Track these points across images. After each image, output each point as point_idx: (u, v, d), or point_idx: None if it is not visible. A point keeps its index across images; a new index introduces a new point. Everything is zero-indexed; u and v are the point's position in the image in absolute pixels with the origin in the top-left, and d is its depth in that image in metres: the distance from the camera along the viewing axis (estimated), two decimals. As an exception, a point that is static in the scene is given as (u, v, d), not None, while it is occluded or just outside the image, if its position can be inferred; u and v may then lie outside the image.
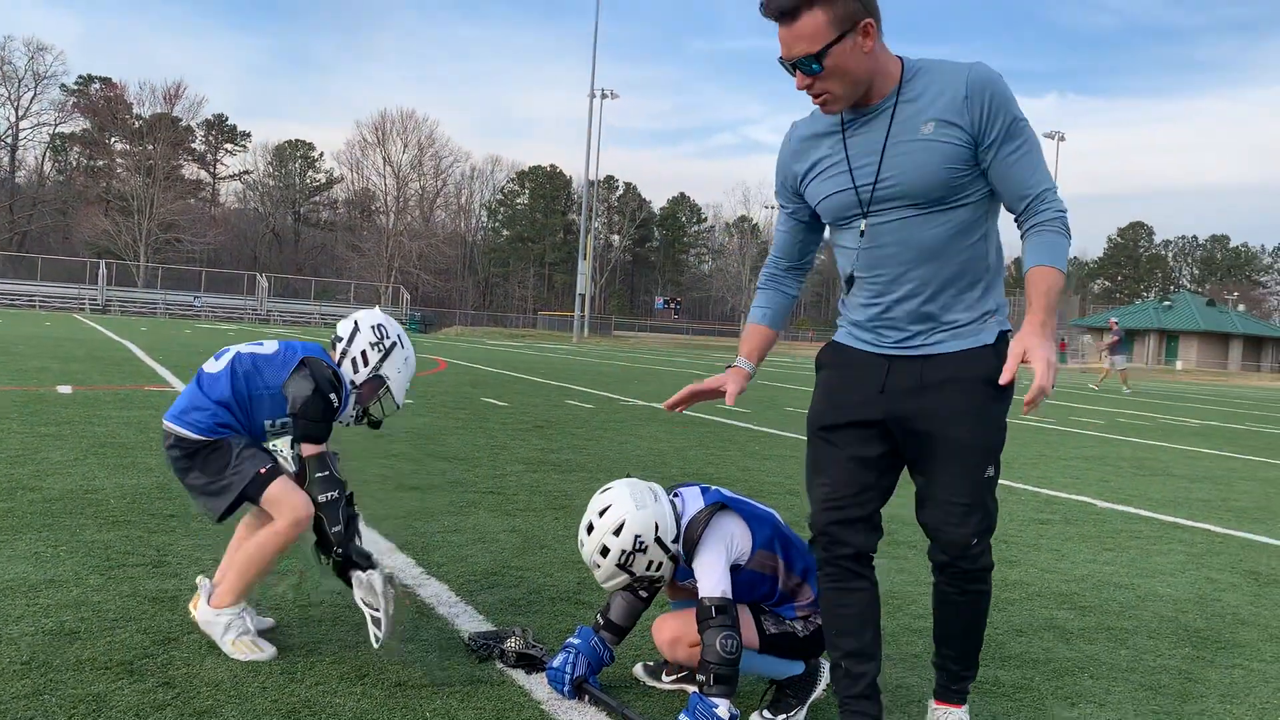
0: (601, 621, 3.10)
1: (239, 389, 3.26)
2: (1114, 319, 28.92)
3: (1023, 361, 2.33)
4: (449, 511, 5.52)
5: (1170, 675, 3.53)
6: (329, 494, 3.20)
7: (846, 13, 2.29)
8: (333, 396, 3.26)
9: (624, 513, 2.87)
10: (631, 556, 2.86)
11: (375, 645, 3.13)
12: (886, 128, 2.41)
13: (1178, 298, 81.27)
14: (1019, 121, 2.38)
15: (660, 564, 2.90)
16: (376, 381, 3.44)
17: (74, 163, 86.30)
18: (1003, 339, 2.53)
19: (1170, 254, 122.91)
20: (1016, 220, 2.48)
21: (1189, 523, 6.66)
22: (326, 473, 3.21)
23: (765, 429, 11.16)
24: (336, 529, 3.20)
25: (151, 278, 65.45)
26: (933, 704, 2.83)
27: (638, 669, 3.25)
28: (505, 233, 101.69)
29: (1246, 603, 4.62)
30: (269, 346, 3.37)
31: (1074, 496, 7.42)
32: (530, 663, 3.18)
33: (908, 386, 2.51)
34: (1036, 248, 2.40)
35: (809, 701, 2.97)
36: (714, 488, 3.11)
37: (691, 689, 2.98)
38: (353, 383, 3.40)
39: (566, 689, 2.99)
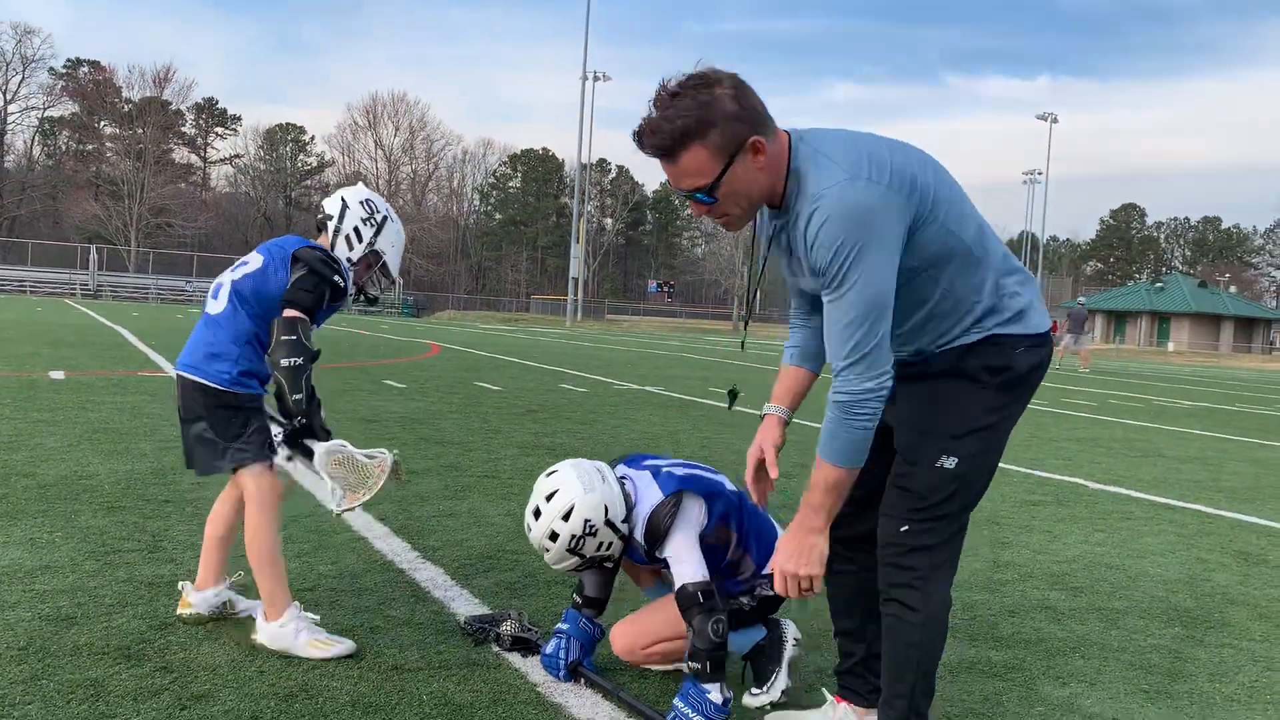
0: (580, 600, 3.13)
1: (253, 315, 3.19)
2: (1081, 299, 28.68)
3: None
4: (444, 496, 5.53)
5: (1160, 654, 3.57)
6: (293, 359, 3.07)
7: (728, 139, 2.15)
8: (336, 279, 3.19)
9: (572, 497, 2.85)
10: (581, 540, 2.85)
11: (334, 511, 3.16)
12: (786, 241, 2.32)
13: (1169, 279, 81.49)
14: (834, 274, 2.14)
15: (611, 544, 2.91)
16: (372, 257, 3.38)
17: (63, 147, 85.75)
18: (993, 340, 2.32)
19: (1162, 236, 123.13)
20: None
21: (1180, 503, 6.70)
22: (295, 338, 3.09)
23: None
24: (297, 397, 3.09)
25: (143, 262, 65.16)
26: (837, 701, 2.71)
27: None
28: (498, 216, 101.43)
29: (1236, 582, 4.65)
30: (254, 260, 3.28)
31: (1066, 478, 7.47)
32: (526, 645, 3.20)
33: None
34: (820, 436, 2.26)
35: (786, 660, 2.98)
36: (661, 465, 3.03)
37: (681, 665, 3.01)
38: (349, 260, 3.32)
39: (562, 674, 3.01)
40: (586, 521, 2.83)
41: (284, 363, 3.07)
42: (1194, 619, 4.04)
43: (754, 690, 2.96)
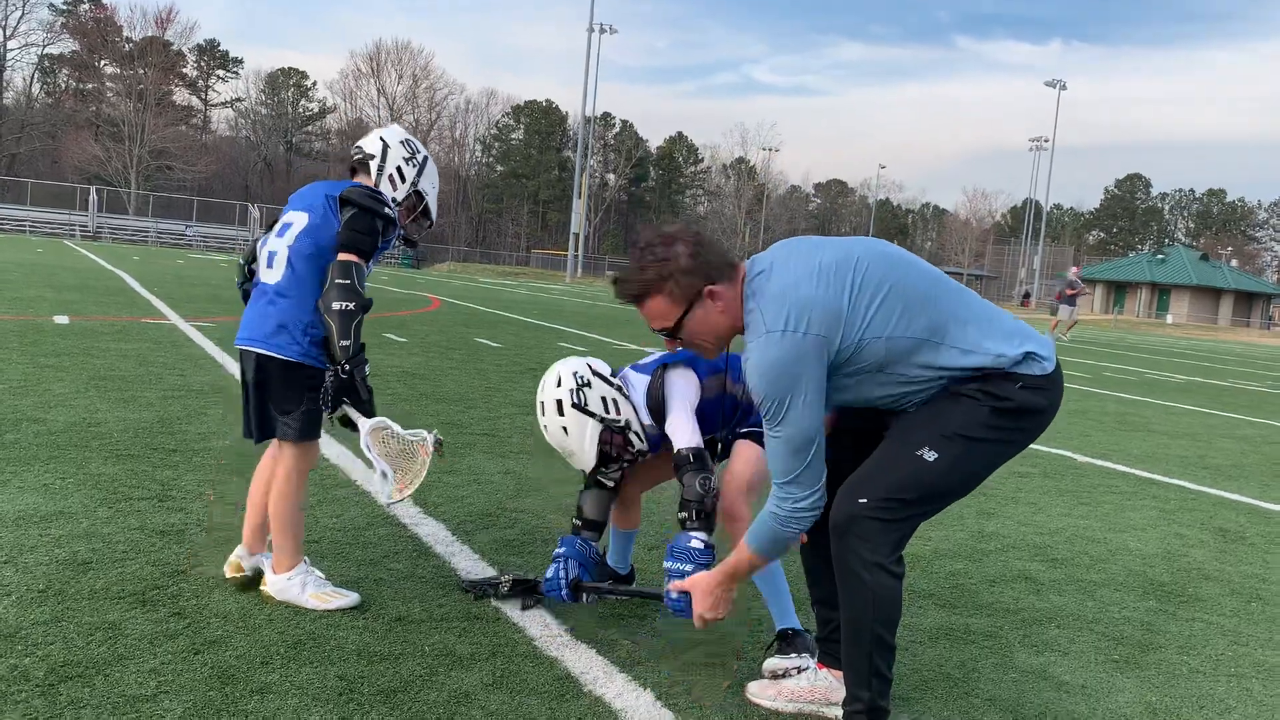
0: (579, 523, 3.34)
1: (318, 274, 3.13)
2: (1074, 269, 28.92)
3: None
4: (445, 452, 5.64)
5: (1133, 626, 3.71)
6: (345, 304, 3.03)
7: (685, 291, 2.49)
8: (388, 212, 3.16)
9: (557, 370, 3.18)
10: (581, 393, 3.11)
11: (384, 503, 3.26)
12: None
13: (1171, 251, 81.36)
14: (766, 414, 2.40)
15: (614, 401, 3.13)
16: (415, 197, 3.37)
17: (63, 85, 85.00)
18: (995, 376, 2.43)
19: (1166, 207, 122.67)
20: None
21: (1164, 479, 6.85)
22: (349, 282, 3.05)
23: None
24: (345, 343, 3.03)
25: (142, 205, 64.90)
26: (818, 668, 2.84)
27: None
28: (499, 168, 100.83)
29: (1212, 558, 4.80)
30: (299, 219, 3.20)
31: (1054, 450, 7.60)
32: (526, 586, 3.36)
33: None
34: (753, 525, 2.55)
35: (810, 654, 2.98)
36: (644, 361, 3.33)
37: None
38: (394, 200, 3.30)
39: (565, 593, 3.21)
40: (575, 374, 3.13)
41: (336, 306, 3.03)
42: (1168, 593, 4.18)
43: (776, 657, 3.00)
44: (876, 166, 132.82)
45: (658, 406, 3.15)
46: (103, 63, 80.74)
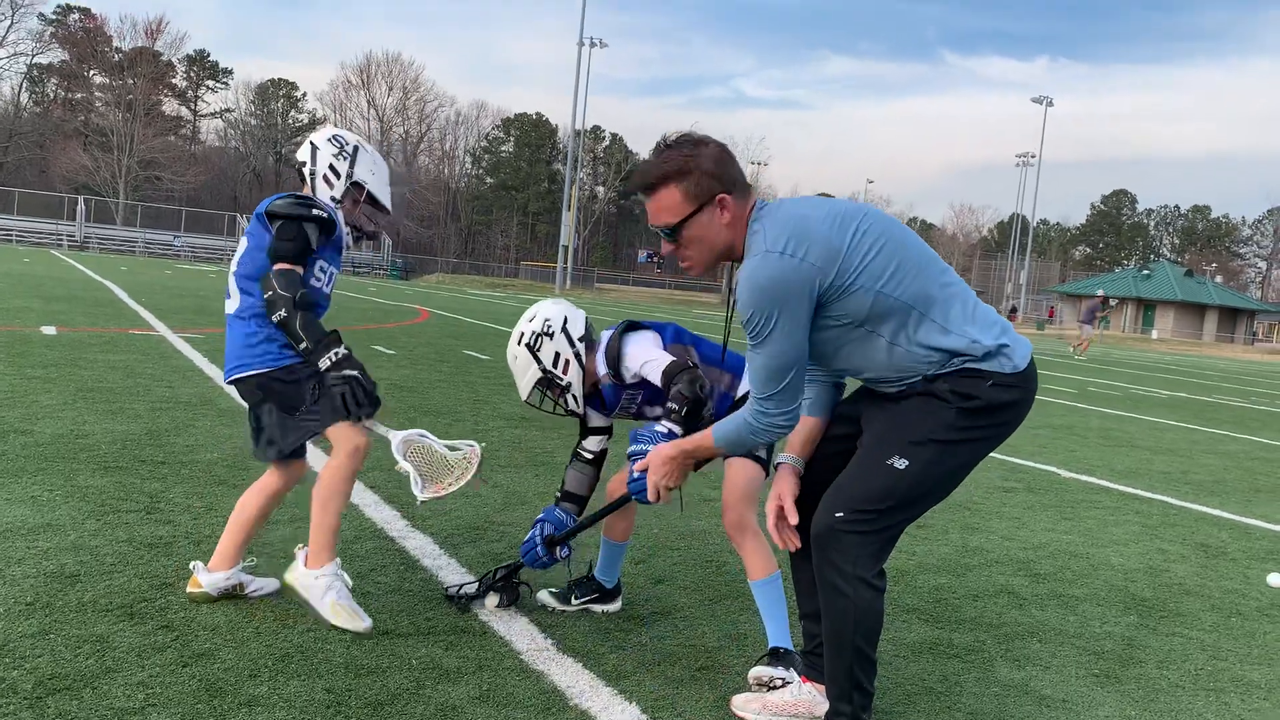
0: (560, 494, 3.51)
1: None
2: (1100, 290, 31.18)
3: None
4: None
5: (1113, 641, 3.75)
6: (279, 312, 3.06)
7: (701, 189, 2.49)
8: (316, 213, 3.17)
9: (539, 306, 3.43)
10: (539, 339, 3.34)
11: (417, 499, 3.27)
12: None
13: (1156, 267, 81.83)
14: (750, 331, 2.46)
15: (567, 362, 3.30)
16: (355, 190, 3.37)
17: (51, 95, 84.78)
18: (966, 372, 2.48)
19: (1152, 223, 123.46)
20: None
21: (1147, 494, 6.90)
22: (274, 291, 3.07)
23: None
24: (304, 346, 3.08)
25: (130, 215, 64.69)
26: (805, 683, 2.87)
27: (543, 595, 3.56)
28: (489, 180, 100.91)
29: (1193, 574, 4.85)
30: (242, 245, 3.28)
31: (1039, 465, 7.66)
32: (513, 570, 3.47)
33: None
34: (726, 419, 2.65)
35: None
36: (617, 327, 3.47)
37: (598, 608, 3.49)
38: (333, 199, 3.32)
39: (540, 549, 3.36)
40: (546, 320, 3.34)
41: (274, 318, 3.09)
42: (1149, 608, 4.22)
43: (765, 663, 3.04)
44: (864, 181, 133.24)
45: (614, 352, 3.32)
46: (92, 72, 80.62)
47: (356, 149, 3.39)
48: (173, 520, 4.14)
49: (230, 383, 3.27)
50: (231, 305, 3.26)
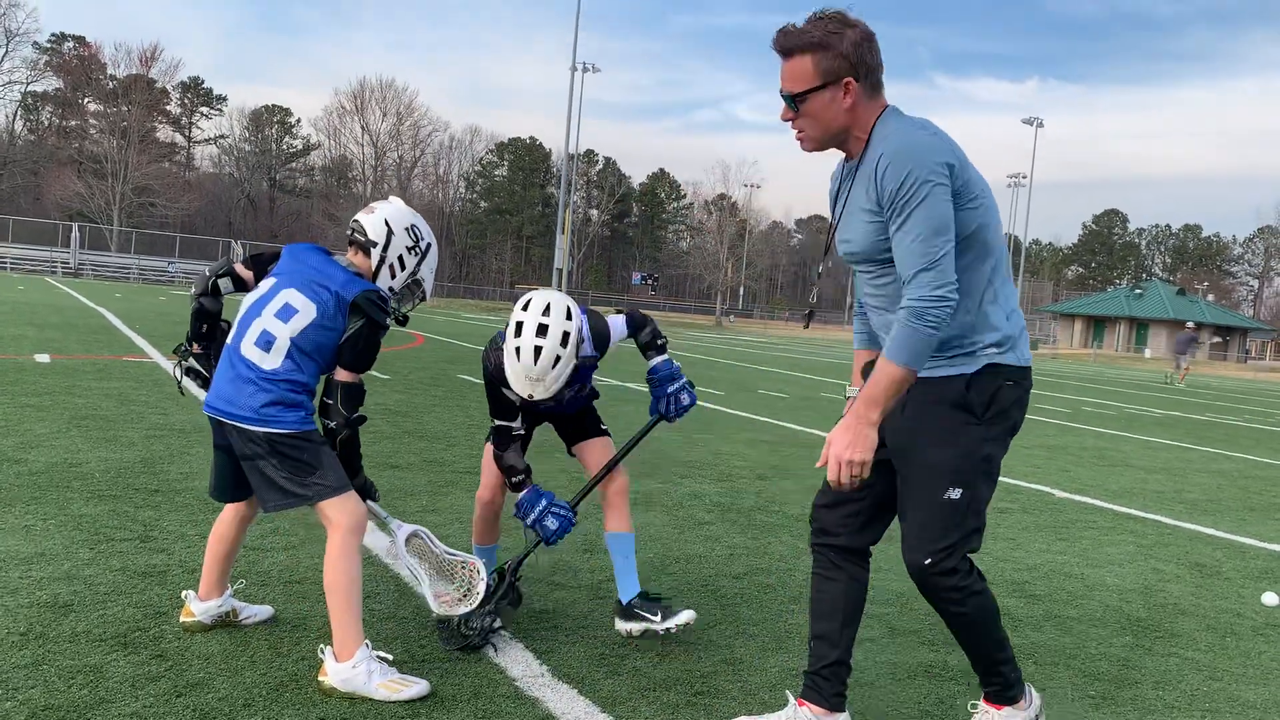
0: (520, 478, 3.63)
1: (318, 366, 3.10)
2: (1190, 324, 35.19)
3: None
4: (427, 490, 5.67)
5: (1109, 662, 3.75)
6: (347, 430, 3.12)
7: (831, 67, 2.53)
8: (389, 323, 3.16)
9: (548, 300, 3.34)
10: (570, 337, 3.30)
11: (432, 612, 3.35)
12: (849, 191, 2.66)
13: (1149, 286, 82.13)
14: (901, 199, 2.44)
15: (580, 344, 3.38)
16: (413, 285, 3.34)
17: (46, 122, 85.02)
18: (991, 370, 2.59)
19: (1143, 242, 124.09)
20: None
21: (1142, 514, 6.91)
22: (351, 413, 3.13)
23: (739, 412, 11.37)
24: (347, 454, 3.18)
25: (125, 242, 64.75)
26: (981, 702, 2.92)
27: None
28: (483, 204, 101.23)
29: (1188, 594, 4.85)
30: (305, 309, 3.07)
31: (1034, 486, 7.67)
32: (514, 583, 3.58)
33: (896, 408, 2.60)
34: (890, 338, 2.48)
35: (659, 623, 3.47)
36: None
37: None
38: (391, 289, 3.27)
39: (569, 512, 3.64)
40: (568, 309, 3.33)
41: (332, 429, 3.12)
42: (1145, 628, 4.23)
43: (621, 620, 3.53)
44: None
45: (602, 333, 3.59)
46: (86, 100, 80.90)
47: (429, 247, 3.37)
48: (166, 549, 4.13)
49: (232, 426, 3.06)
50: (268, 361, 3.04)
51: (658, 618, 3.47)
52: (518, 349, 3.27)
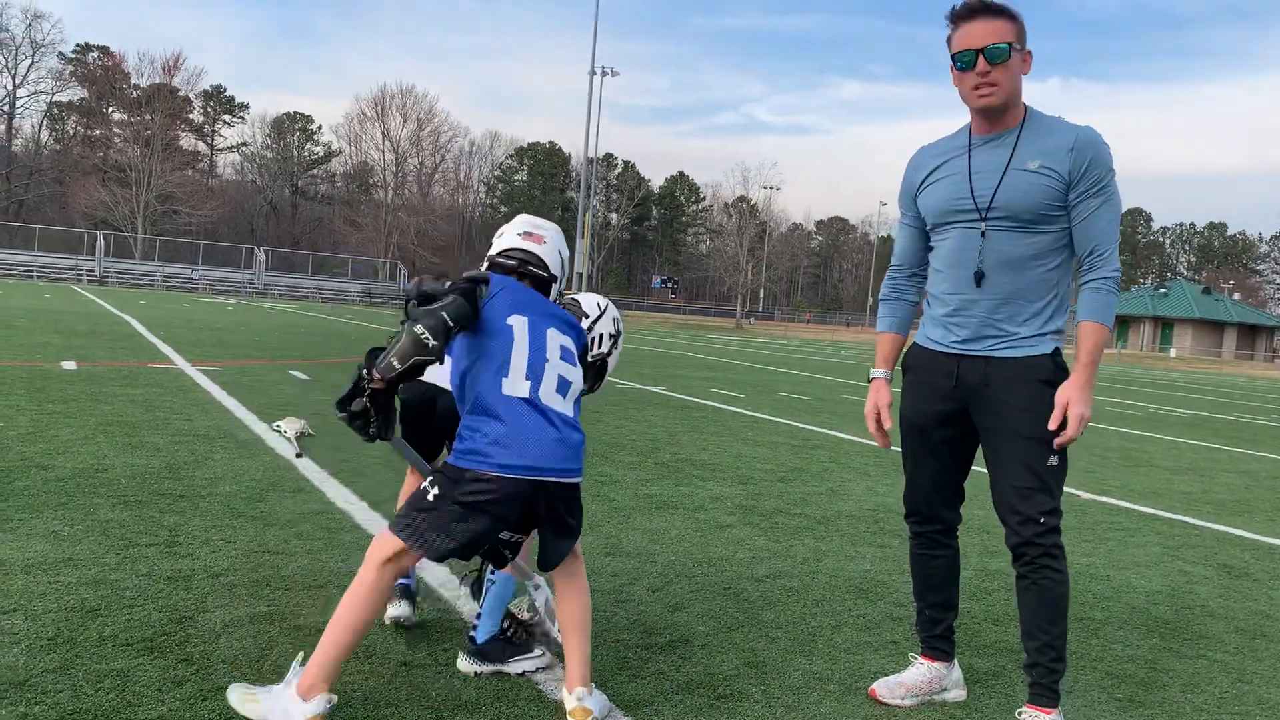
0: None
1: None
2: None
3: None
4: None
5: (1136, 665, 3.72)
6: None
7: (1020, 34, 2.91)
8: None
9: (596, 303, 3.48)
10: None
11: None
12: (1009, 155, 2.92)
13: (1174, 285, 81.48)
14: (1102, 179, 2.86)
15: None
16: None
17: (71, 132, 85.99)
18: (1058, 354, 2.98)
19: (1168, 241, 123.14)
20: (1079, 263, 2.97)
21: (1168, 515, 6.85)
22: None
23: (759, 414, 11.34)
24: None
25: (149, 249, 65.35)
26: (1025, 708, 3.00)
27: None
28: (504, 209, 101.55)
29: (1216, 595, 4.80)
30: (575, 372, 2.97)
31: (1058, 487, 7.60)
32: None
33: (975, 383, 3.00)
34: (1090, 303, 2.90)
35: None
36: None
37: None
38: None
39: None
40: (606, 305, 3.52)
41: None
42: (1172, 630, 4.18)
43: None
44: (878, 203, 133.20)
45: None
46: (110, 109, 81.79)
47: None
48: (192, 554, 4.16)
49: (558, 484, 2.81)
50: (565, 406, 2.87)
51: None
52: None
